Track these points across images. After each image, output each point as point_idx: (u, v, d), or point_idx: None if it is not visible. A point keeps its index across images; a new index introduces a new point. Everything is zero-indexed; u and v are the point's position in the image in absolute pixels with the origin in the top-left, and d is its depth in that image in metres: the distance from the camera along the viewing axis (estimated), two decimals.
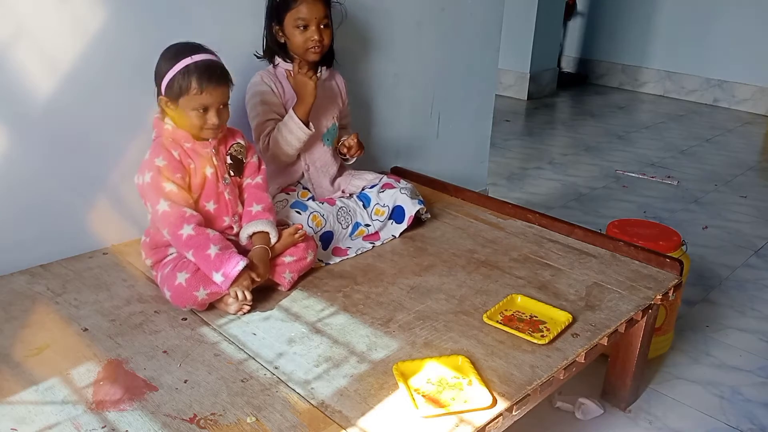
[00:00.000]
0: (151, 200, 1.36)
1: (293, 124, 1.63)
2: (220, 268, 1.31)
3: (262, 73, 1.70)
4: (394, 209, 1.74)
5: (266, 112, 1.69)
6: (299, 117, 1.63)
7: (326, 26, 1.66)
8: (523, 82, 5.15)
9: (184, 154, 1.38)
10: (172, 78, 1.32)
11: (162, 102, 1.37)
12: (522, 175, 3.49)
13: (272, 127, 1.68)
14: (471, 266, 1.61)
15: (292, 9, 1.62)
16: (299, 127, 1.63)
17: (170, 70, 1.33)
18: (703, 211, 3.06)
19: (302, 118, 1.63)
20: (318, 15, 1.63)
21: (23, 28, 1.38)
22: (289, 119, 1.64)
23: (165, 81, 1.34)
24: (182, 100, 1.34)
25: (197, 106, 1.34)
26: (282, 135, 1.65)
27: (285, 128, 1.64)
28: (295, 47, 1.67)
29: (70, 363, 1.18)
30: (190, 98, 1.33)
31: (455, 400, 1.10)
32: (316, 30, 1.63)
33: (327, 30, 1.66)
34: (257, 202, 1.49)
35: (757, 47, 4.87)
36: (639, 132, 4.39)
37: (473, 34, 2.43)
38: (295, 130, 1.63)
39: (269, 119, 1.69)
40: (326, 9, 1.66)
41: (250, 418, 1.06)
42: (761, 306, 2.22)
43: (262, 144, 1.68)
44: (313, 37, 1.63)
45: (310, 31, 1.63)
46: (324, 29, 1.65)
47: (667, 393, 1.76)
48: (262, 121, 1.68)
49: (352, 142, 1.78)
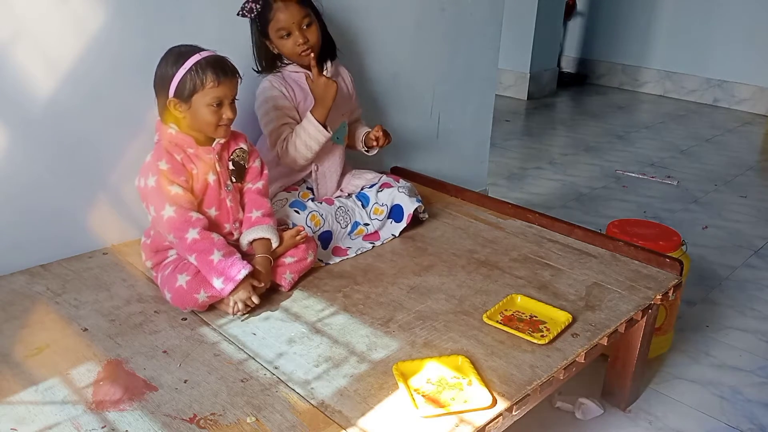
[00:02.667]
0: (155, 204, 1.34)
1: (312, 127, 1.62)
2: (222, 274, 1.31)
3: (270, 78, 1.69)
4: (393, 208, 1.74)
5: (280, 117, 1.67)
6: (318, 120, 1.62)
7: (309, 25, 1.63)
8: (523, 82, 5.15)
9: (186, 159, 1.37)
10: (183, 77, 1.31)
11: (171, 105, 1.34)
12: (522, 175, 3.49)
13: (288, 132, 1.67)
14: (471, 266, 1.61)
15: (271, 20, 1.60)
16: (319, 131, 1.62)
17: (179, 70, 1.31)
18: (703, 211, 3.06)
19: (321, 120, 1.62)
20: (296, 18, 1.60)
21: (23, 29, 1.38)
22: (307, 123, 1.63)
23: (174, 82, 1.32)
24: (196, 96, 1.32)
25: (212, 100, 1.33)
26: (301, 139, 1.63)
27: (304, 132, 1.63)
28: (287, 55, 1.66)
29: (70, 363, 1.18)
30: (204, 93, 1.32)
31: (455, 400, 1.10)
32: (299, 33, 1.61)
33: (311, 28, 1.64)
34: (257, 208, 1.48)
35: (757, 47, 4.87)
36: (639, 132, 4.39)
37: (473, 34, 2.43)
38: (314, 133, 1.62)
39: (284, 123, 1.67)
40: (303, 9, 1.62)
41: (250, 418, 1.06)
42: (761, 306, 2.22)
43: (279, 149, 1.66)
44: (298, 41, 1.61)
45: (294, 37, 1.61)
46: (308, 29, 1.63)
47: (667, 393, 1.76)
48: (278, 126, 1.67)
49: (378, 133, 1.77)
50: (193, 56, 1.32)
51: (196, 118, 1.35)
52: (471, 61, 2.47)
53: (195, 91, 1.32)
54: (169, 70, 1.33)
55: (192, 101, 1.33)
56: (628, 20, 5.51)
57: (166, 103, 1.35)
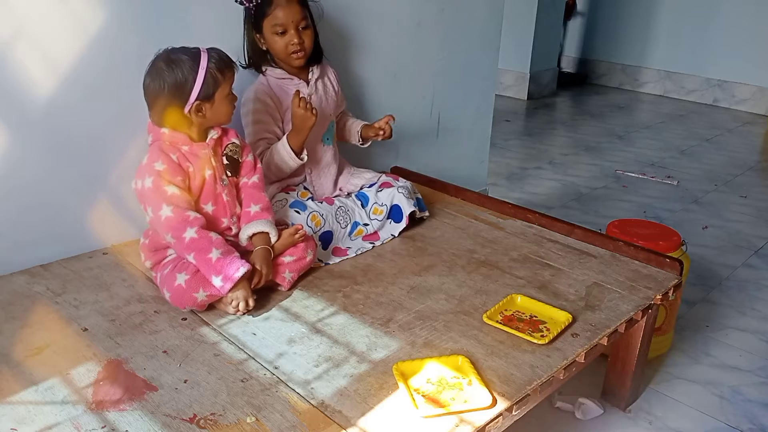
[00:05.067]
0: (153, 205, 1.34)
1: (286, 153, 1.61)
2: (220, 272, 1.31)
3: (255, 88, 1.67)
4: (392, 208, 1.74)
5: (258, 131, 1.66)
6: (293, 147, 1.61)
7: (305, 27, 1.62)
8: (523, 82, 5.15)
9: (182, 158, 1.38)
10: (205, 74, 1.31)
11: (193, 109, 1.34)
12: (522, 175, 3.49)
13: (264, 148, 1.66)
14: (471, 266, 1.61)
15: (268, 15, 1.59)
16: (291, 158, 1.62)
17: (198, 71, 1.31)
18: (703, 211, 3.06)
19: (296, 148, 1.61)
20: (295, 18, 1.59)
21: (23, 29, 1.38)
22: (282, 148, 1.62)
23: (198, 83, 1.31)
24: (218, 91, 1.35)
25: (228, 91, 1.37)
26: (274, 160, 1.63)
27: (278, 155, 1.62)
28: (276, 53, 1.64)
29: (70, 363, 1.18)
30: (224, 87, 1.36)
31: (455, 400, 1.10)
32: (295, 33, 1.60)
33: (307, 31, 1.63)
34: (255, 203, 1.49)
35: (757, 47, 4.87)
36: (639, 132, 4.39)
37: (473, 34, 2.43)
38: (287, 158, 1.62)
39: (261, 138, 1.66)
40: (303, 10, 1.62)
41: (250, 418, 1.06)
42: (761, 306, 2.22)
43: None
44: (292, 41, 1.60)
45: (288, 35, 1.60)
46: (304, 31, 1.62)
47: (667, 393, 1.76)
48: (255, 141, 1.66)
49: (386, 125, 1.78)
50: (201, 55, 1.32)
51: (216, 113, 1.37)
52: (471, 61, 2.47)
53: (217, 87, 1.34)
54: (186, 74, 1.31)
55: (215, 97, 1.35)
56: (628, 20, 5.51)
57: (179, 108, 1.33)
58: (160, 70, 1.32)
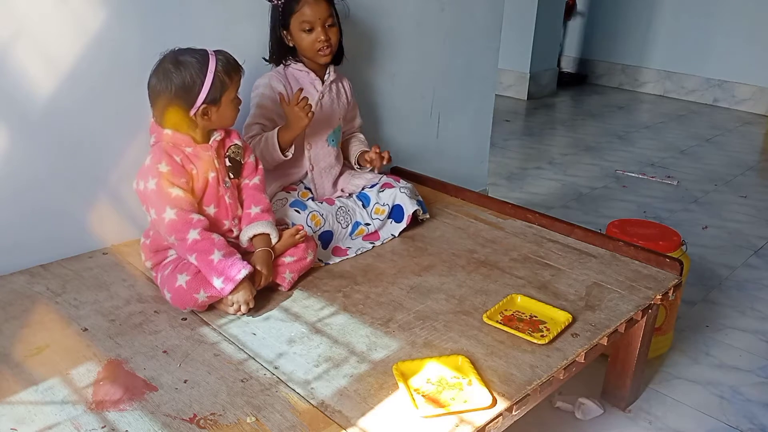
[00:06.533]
0: (156, 207, 1.33)
1: (272, 144, 1.61)
2: (222, 273, 1.31)
3: (271, 74, 1.69)
4: (394, 208, 1.74)
5: (257, 115, 1.68)
6: (281, 143, 1.61)
7: (332, 25, 1.66)
8: (523, 82, 5.15)
9: (185, 159, 1.37)
10: (214, 78, 1.31)
11: (199, 112, 1.33)
12: (522, 175, 3.49)
13: (257, 132, 1.67)
14: (471, 266, 1.61)
15: (296, 12, 1.61)
16: (275, 150, 1.61)
17: (207, 74, 1.30)
18: (703, 211, 3.06)
19: (284, 145, 1.61)
20: (322, 15, 1.62)
21: (23, 29, 1.38)
22: (271, 138, 1.62)
23: (206, 86, 1.31)
24: (225, 95, 1.34)
25: (235, 95, 1.37)
26: (260, 149, 1.63)
27: (266, 145, 1.63)
28: (303, 50, 1.67)
29: (70, 363, 1.18)
30: (231, 90, 1.35)
31: (455, 400, 1.10)
32: (322, 31, 1.63)
33: (333, 29, 1.66)
34: (256, 204, 1.48)
35: (757, 47, 4.87)
36: (639, 132, 4.39)
37: (473, 34, 2.43)
38: (272, 151, 1.62)
39: (257, 123, 1.68)
40: (330, 8, 1.65)
41: (250, 418, 1.06)
42: (761, 306, 2.22)
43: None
44: (319, 38, 1.63)
45: (316, 33, 1.63)
46: (330, 28, 1.65)
47: (667, 393, 1.76)
48: (251, 123, 1.68)
49: (373, 155, 1.76)
50: (208, 58, 1.32)
51: (222, 116, 1.37)
52: (471, 61, 2.47)
53: (224, 91, 1.34)
54: (195, 77, 1.30)
55: (222, 100, 1.35)
56: (628, 20, 5.51)
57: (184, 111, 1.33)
58: (168, 71, 1.31)
